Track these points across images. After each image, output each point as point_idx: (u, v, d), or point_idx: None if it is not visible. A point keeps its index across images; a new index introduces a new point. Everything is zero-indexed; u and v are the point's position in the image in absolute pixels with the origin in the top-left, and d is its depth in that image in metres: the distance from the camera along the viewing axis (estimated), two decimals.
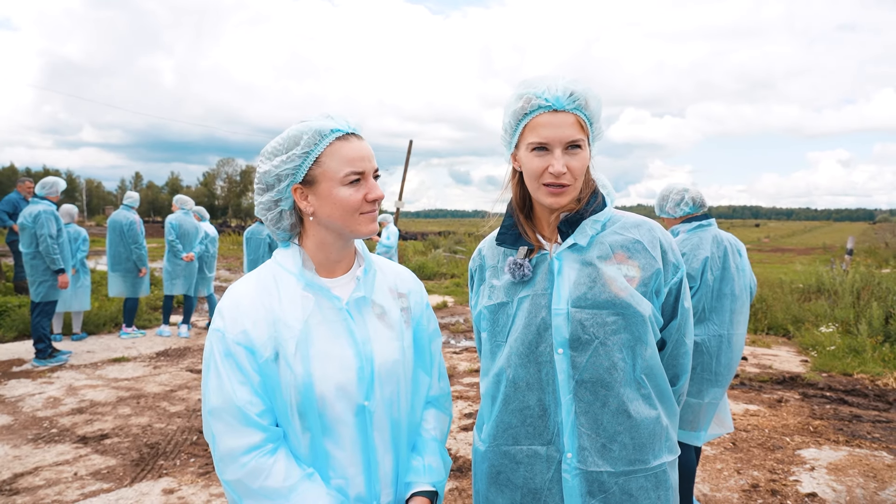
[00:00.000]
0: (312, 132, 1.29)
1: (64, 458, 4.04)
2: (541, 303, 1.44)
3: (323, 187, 1.30)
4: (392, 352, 1.38)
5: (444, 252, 19.85)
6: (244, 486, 1.24)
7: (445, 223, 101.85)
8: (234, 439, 1.23)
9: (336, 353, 1.31)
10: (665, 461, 1.44)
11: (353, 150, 1.30)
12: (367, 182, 1.32)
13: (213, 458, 1.28)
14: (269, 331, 1.28)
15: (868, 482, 3.79)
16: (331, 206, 1.30)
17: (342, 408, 1.30)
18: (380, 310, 1.40)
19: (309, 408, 1.27)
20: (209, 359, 1.28)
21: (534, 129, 1.39)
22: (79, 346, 7.37)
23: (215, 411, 1.25)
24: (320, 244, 1.36)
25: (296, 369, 1.26)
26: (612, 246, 1.44)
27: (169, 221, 7.99)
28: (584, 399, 1.39)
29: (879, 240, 29.83)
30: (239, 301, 1.31)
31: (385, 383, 1.36)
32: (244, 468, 1.23)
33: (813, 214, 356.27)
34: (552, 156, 1.38)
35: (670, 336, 1.50)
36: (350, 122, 1.33)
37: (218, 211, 79.94)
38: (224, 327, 1.28)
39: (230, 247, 25.37)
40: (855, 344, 7.15)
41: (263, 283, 1.34)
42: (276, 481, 1.23)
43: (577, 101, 1.38)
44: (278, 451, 1.26)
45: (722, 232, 3.07)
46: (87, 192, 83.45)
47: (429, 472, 1.43)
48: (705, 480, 3.82)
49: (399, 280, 1.50)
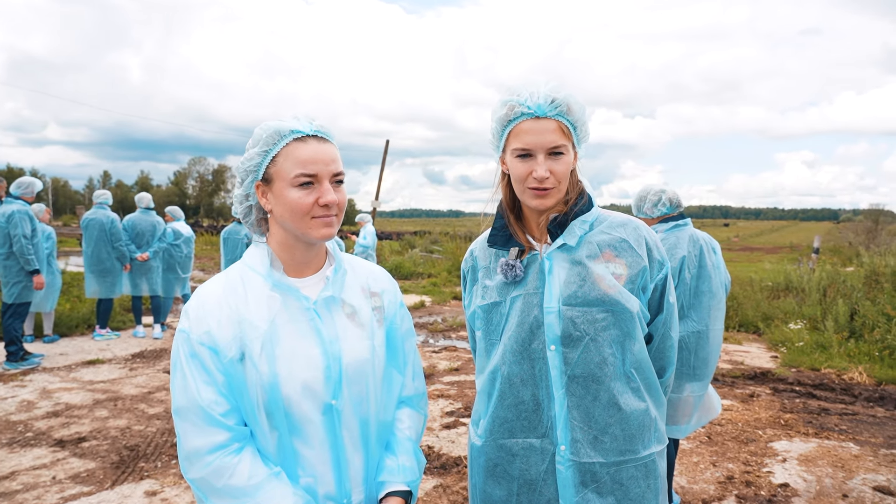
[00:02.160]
0: (272, 131, 1.31)
1: (41, 462, 3.97)
2: (533, 301, 1.49)
3: (276, 187, 1.31)
4: (361, 350, 1.38)
5: (420, 252, 19.85)
6: (208, 485, 1.25)
7: (421, 223, 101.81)
8: (198, 438, 1.25)
9: (302, 352, 1.31)
10: (654, 451, 1.51)
11: (308, 153, 1.29)
12: (320, 186, 1.30)
13: (179, 456, 1.29)
14: (233, 330, 1.29)
15: (836, 472, 3.94)
16: (282, 207, 1.31)
17: (309, 406, 1.31)
18: (350, 309, 1.41)
19: (275, 407, 1.28)
20: (176, 359, 1.30)
21: (517, 135, 1.45)
22: (51, 349, 7.23)
23: (180, 411, 1.27)
24: (282, 244, 1.37)
25: (261, 369, 1.28)
26: (600, 245, 1.50)
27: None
28: (576, 393, 1.45)
29: (843, 239, 30.68)
30: (204, 301, 1.32)
31: (353, 382, 1.36)
32: (208, 467, 1.24)
33: (780, 214, 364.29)
34: (535, 161, 1.43)
35: (657, 330, 1.56)
36: (314, 124, 1.33)
37: (190, 210, 78.74)
38: (189, 328, 1.29)
39: (203, 247, 25.04)
40: (822, 340, 7.38)
41: (231, 282, 1.35)
42: (241, 480, 1.24)
43: (558, 107, 1.43)
44: (244, 451, 1.27)
45: (698, 231, 3.16)
46: (54, 192, 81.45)
47: (402, 471, 1.44)
48: (682, 473, 3.93)
49: (372, 279, 1.50)
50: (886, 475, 3.88)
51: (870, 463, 4.08)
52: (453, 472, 3.88)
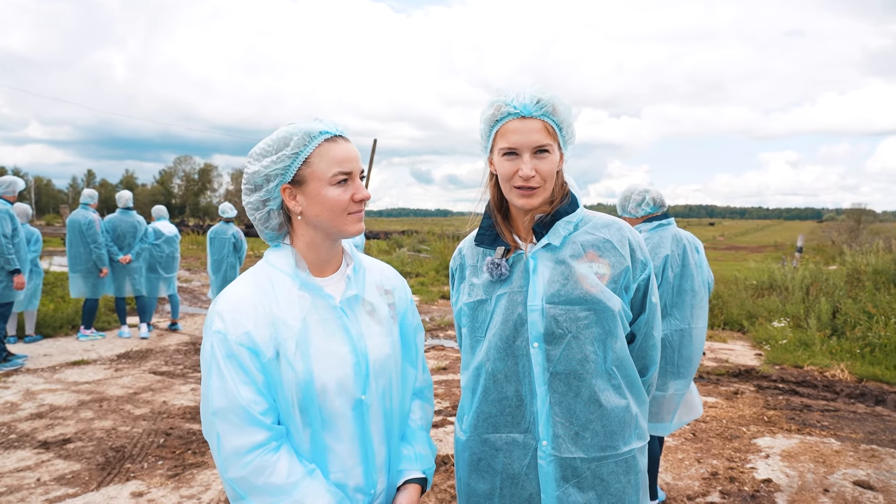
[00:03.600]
0: (302, 133, 1.34)
1: (25, 464, 3.94)
2: (517, 300, 1.52)
3: (312, 187, 1.35)
4: (384, 347, 1.45)
5: (408, 251, 19.85)
6: (248, 483, 1.27)
7: (408, 222, 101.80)
8: (238, 438, 1.27)
9: (334, 350, 1.36)
10: (634, 447, 1.53)
11: (342, 151, 1.35)
12: (354, 182, 1.37)
13: (216, 458, 1.30)
14: (269, 331, 1.32)
15: (818, 467, 4.00)
16: (319, 206, 1.35)
17: (341, 402, 1.36)
18: (370, 307, 1.46)
19: (310, 403, 1.32)
20: (210, 361, 1.30)
21: (504, 135, 1.48)
22: (35, 350, 7.16)
23: (220, 412, 1.28)
24: (310, 244, 1.41)
25: (297, 367, 1.31)
26: (584, 245, 1.52)
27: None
28: (558, 390, 1.48)
29: (826, 238, 31.08)
30: (238, 303, 1.34)
31: (379, 377, 1.43)
32: (248, 466, 1.27)
33: (765, 213, 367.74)
34: (521, 160, 1.46)
35: (639, 329, 1.59)
36: (338, 125, 1.39)
37: (175, 210, 78.12)
38: (225, 329, 1.30)
39: (189, 247, 24.84)
40: (805, 338, 7.48)
41: (260, 284, 1.38)
42: (280, 478, 1.27)
43: (544, 107, 1.46)
44: (281, 449, 1.30)
45: (681, 230, 3.20)
46: (36, 191, 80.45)
47: (419, 459, 1.53)
48: (668, 470, 3.97)
49: (384, 277, 1.56)
50: (866, 470, 3.95)
51: (850, 458, 4.15)
52: (441, 470, 3.90)
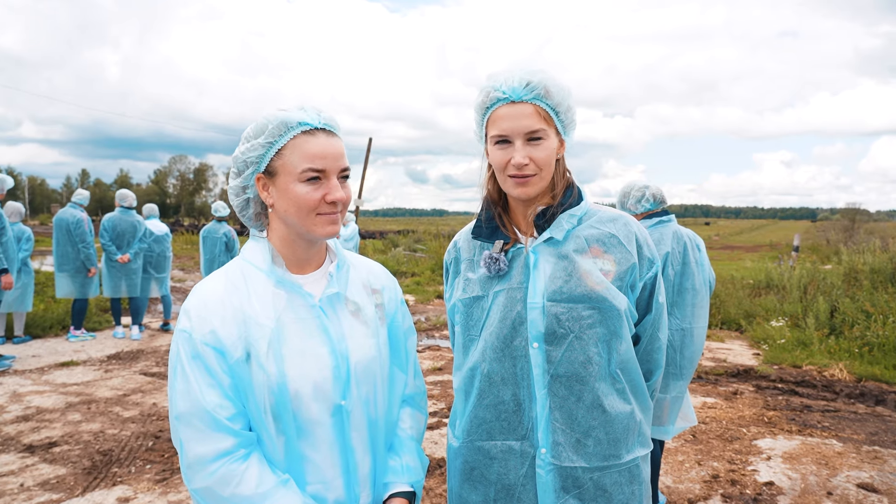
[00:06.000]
0: (278, 122, 1.24)
1: (9, 469, 3.83)
2: (516, 297, 1.42)
3: (281, 180, 1.25)
4: (368, 349, 1.34)
5: (403, 251, 19.77)
6: (214, 495, 1.17)
7: (404, 222, 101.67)
8: (203, 445, 1.17)
9: (310, 351, 1.26)
10: (638, 455, 1.45)
11: (317, 147, 1.24)
12: (328, 182, 1.25)
13: (181, 466, 1.21)
14: (238, 330, 1.22)
15: (820, 469, 3.93)
16: (287, 202, 1.25)
17: (318, 408, 1.25)
18: (354, 306, 1.36)
19: (283, 409, 1.22)
20: (175, 361, 1.21)
21: (494, 122, 1.40)
22: (23, 350, 7.04)
23: (183, 416, 1.18)
24: (284, 239, 1.31)
25: (269, 369, 1.21)
26: (588, 240, 1.43)
27: (102, 222, 7.63)
28: (558, 394, 1.38)
29: (821, 237, 31.13)
30: (206, 299, 1.24)
31: (361, 382, 1.32)
32: (213, 475, 1.16)
33: (760, 213, 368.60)
34: (513, 147, 1.37)
35: (645, 331, 1.50)
36: (322, 117, 1.28)
37: (171, 209, 77.83)
38: (191, 328, 1.21)
39: (183, 246, 24.70)
40: (803, 337, 7.42)
41: (232, 280, 1.28)
42: (248, 488, 1.17)
43: (534, 90, 1.37)
44: (251, 457, 1.20)
45: (681, 227, 3.12)
46: (30, 190, 80.00)
47: (407, 471, 1.40)
48: (668, 472, 3.89)
49: (372, 276, 1.45)
50: (870, 472, 3.88)
51: (853, 460, 4.08)
52: (436, 474, 3.81)
